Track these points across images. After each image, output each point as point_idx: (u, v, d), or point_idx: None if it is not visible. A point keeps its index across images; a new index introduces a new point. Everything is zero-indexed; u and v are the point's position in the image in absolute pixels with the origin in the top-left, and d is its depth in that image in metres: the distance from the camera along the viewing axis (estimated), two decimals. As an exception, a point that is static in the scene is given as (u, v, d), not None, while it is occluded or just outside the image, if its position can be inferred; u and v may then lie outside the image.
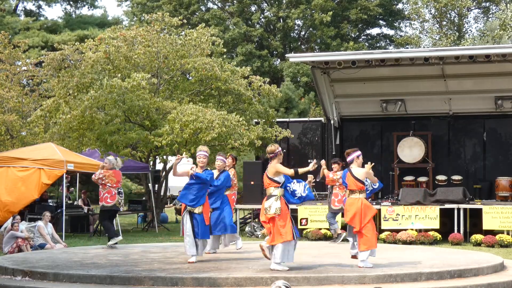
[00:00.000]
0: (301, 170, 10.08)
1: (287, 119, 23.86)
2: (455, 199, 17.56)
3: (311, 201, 19.83)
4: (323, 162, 14.14)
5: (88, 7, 48.11)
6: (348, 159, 10.61)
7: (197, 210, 10.74)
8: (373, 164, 10.59)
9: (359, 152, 10.59)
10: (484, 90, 20.23)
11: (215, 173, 11.76)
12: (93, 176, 13.59)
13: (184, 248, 10.95)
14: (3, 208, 16.94)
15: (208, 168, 11.21)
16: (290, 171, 10.04)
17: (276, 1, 40.19)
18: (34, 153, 18.14)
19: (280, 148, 10.21)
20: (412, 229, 17.02)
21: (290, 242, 9.85)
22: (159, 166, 22.90)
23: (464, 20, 40.90)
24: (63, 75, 20.16)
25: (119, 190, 13.59)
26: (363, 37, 43.79)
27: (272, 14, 40.19)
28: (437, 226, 17.09)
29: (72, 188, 22.46)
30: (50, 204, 20.07)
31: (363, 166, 10.54)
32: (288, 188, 10.11)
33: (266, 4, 41.11)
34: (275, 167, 10.00)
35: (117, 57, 20.07)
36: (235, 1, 40.10)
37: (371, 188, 10.70)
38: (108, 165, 13.59)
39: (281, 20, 39.74)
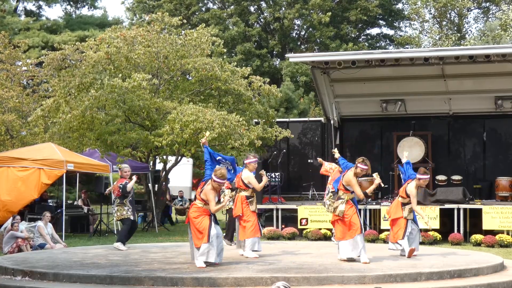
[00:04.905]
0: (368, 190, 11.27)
1: (287, 119, 23.88)
2: (455, 199, 17.57)
3: (311, 201, 19.92)
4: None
5: (88, 8, 48.16)
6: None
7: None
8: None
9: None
10: (484, 90, 20.24)
11: (249, 174, 11.66)
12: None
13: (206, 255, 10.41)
14: (3, 208, 16.95)
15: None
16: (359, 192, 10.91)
17: (273, 2, 40.18)
18: (34, 153, 18.14)
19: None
20: (412, 229, 17.00)
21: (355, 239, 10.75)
22: (159, 166, 22.90)
23: (464, 20, 40.92)
24: (64, 75, 20.16)
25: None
26: (363, 37, 43.80)
27: (269, 15, 40.22)
28: (437, 226, 17.10)
29: None
30: (50, 204, 20.06)
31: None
32: None
33: (265, 5, 41.15)
34: (351, 180, 10.80)
35: (118, 57, 20.08)
36: (232, 6, 40.13)
37: None
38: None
39: (280, 21, 39.74)
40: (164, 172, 21.92)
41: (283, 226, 18.40)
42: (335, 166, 13.78)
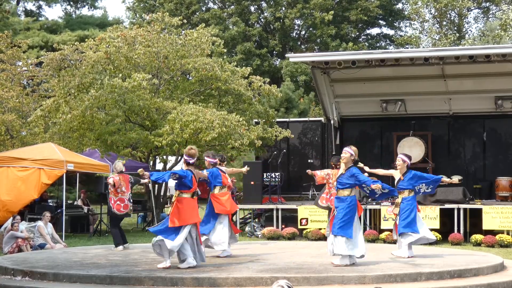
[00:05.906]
0: None
1: (287, 119, 23.87)
2: (455, 199, 17.57)
3: (311, 201, 19.90)
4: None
5: (88, 8, 48.19)
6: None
7: None
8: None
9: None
10: (484, 90, 20.24)
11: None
12: (110, 181, 13.36)
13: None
14: (3, 208, 16.94)
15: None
16: None
17: (274, 1, 40.19)
18: (34, 153, 18.14)
19: None
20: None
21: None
22: (159, 166, 22.89)
23: (464, 20, 40.92)
24: (64, 75, 20.16)
25: (129, 197, 13.50)
26: (363, 37, 43.81)
27: (270, 14, 40.24)
28: (437, 226, 17.09)
29: None
30: (50, 204, 20.06)
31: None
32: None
33: (265, 4, 41.17)
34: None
35: (118, 57, 20.08)
36: (233, 5, 40.17)
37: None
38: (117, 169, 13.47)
39: (280, 20, 39.76)
40: (164, 172, 21.90)
41: (283, 226, 18.40)
42: (330, 171, 13.48)
